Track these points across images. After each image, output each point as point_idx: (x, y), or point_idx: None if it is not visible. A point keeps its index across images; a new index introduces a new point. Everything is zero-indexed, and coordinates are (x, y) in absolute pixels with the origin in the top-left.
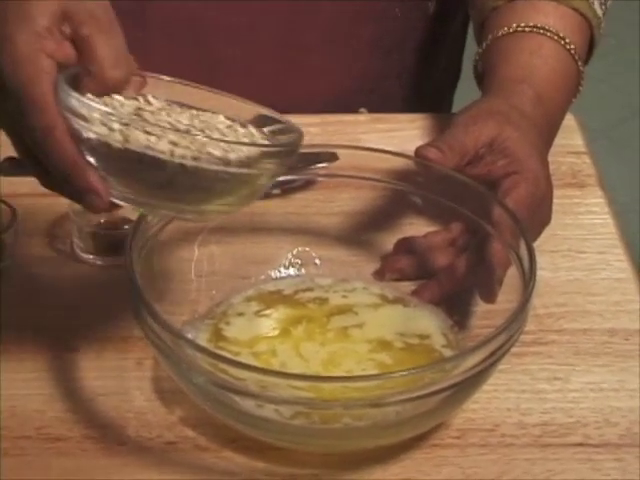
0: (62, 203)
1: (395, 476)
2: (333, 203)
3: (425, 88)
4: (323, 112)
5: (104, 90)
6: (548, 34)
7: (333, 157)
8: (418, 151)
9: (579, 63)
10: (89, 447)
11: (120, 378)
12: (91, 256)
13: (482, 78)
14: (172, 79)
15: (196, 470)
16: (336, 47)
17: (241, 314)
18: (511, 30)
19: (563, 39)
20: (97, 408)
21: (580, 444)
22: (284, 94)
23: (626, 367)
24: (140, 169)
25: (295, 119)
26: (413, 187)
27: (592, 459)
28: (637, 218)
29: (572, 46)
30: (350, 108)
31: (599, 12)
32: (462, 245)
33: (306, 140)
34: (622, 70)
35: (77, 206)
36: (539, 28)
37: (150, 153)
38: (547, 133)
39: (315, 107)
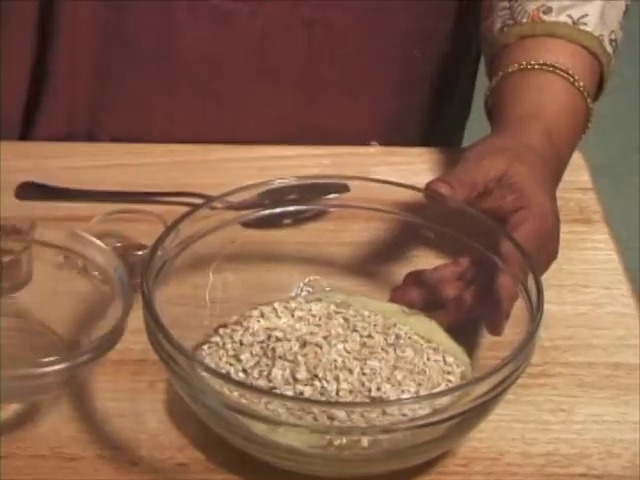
0: (78, 227)
1: None
2: (344, 233)
3: (439, 123)
4: (335, 144)
5: None
6: (558, 72)
7: (344, 188)
8: (429, 186)
9: (588, 100)
10: (102, 467)
11: (134, 400)
12: None
13: (492, 113)
14: None
15: None
16: (355, 86)
17: None
18: (521, 67)
19: (572, 77)
20: (111, 429)
21: (583, 474)
22: (301, 129)
23: (629, 400)
24: None
25: (306, 150)
26: (423, 219)
27: None
28: (637, 255)
29: (581, 83)
30: (363, 142)
31: (609, 49)
32: (470, 278)
33: (317, 171)
34: (626, 107)
35: (93, 230)
36: (549, 66)
37: None
38: (556, 169)
39: (329, 141)
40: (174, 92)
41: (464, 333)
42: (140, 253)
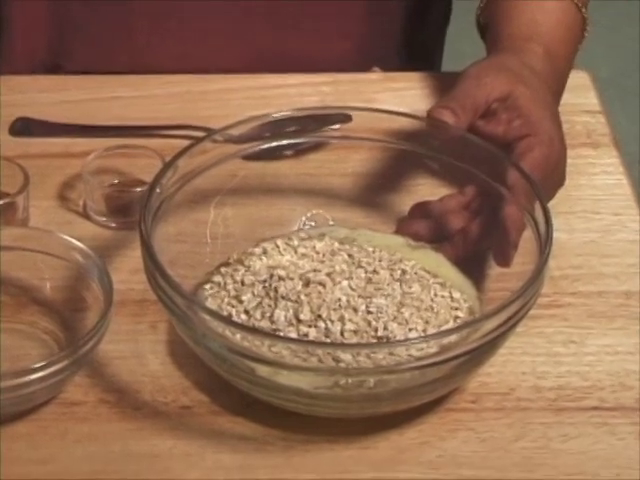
0: (74, 164)
1: (411, 440)
2: (346, 164)
3: (419, 40)
4: (316, 70)
5: None
6: None
7: (346, 118)
8: (431, 114)
9: (583, 10)
10: (104, 412)
11: (135, 342)
12: (104, 218)
13: (484, 32)
14: None
15: (211, 434)
16: (324, 9)
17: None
18: None
19: None
20: (112, 372)
21: (595, 408)
22: (281, 59)
23: None
24: None
25: (308, 78)
26: (427, 149)
27: (607, 423)
28: None
29: None
30: (343, 64)
31: None
32: (476, 208)
33: (319, 100)
34: (632, 19)
35: (90, 167)
36: None
37: None
38: (557, 88)
39: (309, 65)
40: (134, 33)
41: (471, 265)
42: (138, 190)
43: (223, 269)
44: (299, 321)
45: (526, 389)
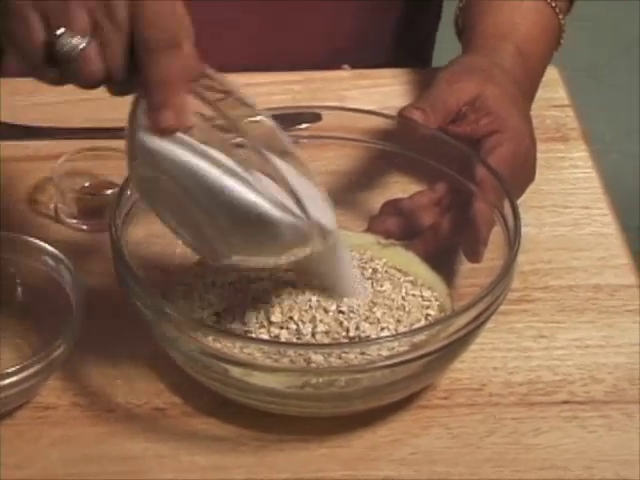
0: (44, 167)
1: (383, 438)
2: (317, 162)
3: (409, 39)
4: (308, 69)
5: None
6: None
7: (316, 117)
8: (402, 113)
9: (560, 16)
10: (78, 415)
11: (107, 345)
12: (75, 220)
13: (462, 33)
14: None
15: (185, 436)
16: (321, 4)
17: None
18: None
19: None
20: (85, 375)
21: (566, 402)
22: (270, 51)
23: (611, 323)
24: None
25: (278, 77)
26: (397, 147)
27: (578, 416)
28: (618, 158)
29: None
30: (335, 64)
31: None
32: (447, 205)
33: (289, 98)
34: (611, 9)
35: (60, 169)
36: None
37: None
38: (528, 88)
39: (301, 64)
40: None
41: (442, 262)
42: (109, 192)
43: (193, 270)
44: (270, 323)
45: (497, 384)
